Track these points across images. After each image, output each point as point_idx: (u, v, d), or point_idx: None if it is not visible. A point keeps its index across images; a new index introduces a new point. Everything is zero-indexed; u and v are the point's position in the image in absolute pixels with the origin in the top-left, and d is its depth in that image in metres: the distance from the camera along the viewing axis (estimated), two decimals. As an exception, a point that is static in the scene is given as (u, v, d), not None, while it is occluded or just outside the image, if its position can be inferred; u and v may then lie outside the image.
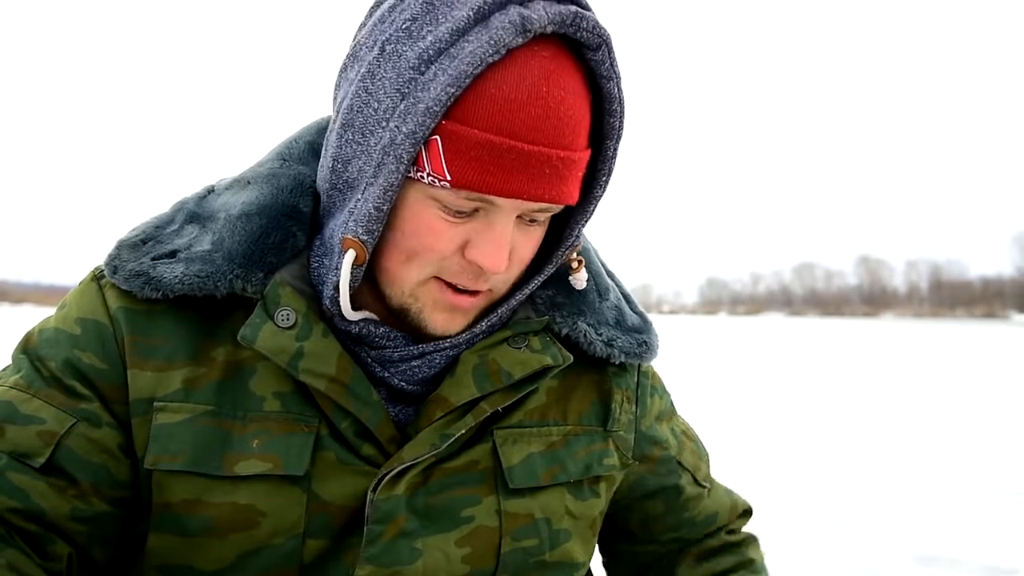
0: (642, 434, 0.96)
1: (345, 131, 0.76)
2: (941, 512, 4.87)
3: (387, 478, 0.77)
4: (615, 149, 0.78)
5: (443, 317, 0.80)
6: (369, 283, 0.82)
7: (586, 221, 0.83)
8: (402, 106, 0.70)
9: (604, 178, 0.79)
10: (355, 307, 0.82)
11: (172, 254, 0.80)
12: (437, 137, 0.70)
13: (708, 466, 1.06)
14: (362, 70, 0.74)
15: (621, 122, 0.77)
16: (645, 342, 0.93)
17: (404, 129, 0.70)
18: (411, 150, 0.70)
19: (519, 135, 0.69)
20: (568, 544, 0.87)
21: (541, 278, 0.85)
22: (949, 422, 8.71)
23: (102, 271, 0.83)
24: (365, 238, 0.74)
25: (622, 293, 0.97)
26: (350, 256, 0.75)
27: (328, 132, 0.81)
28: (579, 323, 0.88)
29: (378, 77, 0.73)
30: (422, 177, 0.72)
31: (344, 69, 0.78)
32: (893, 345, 28.75)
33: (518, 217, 0.76)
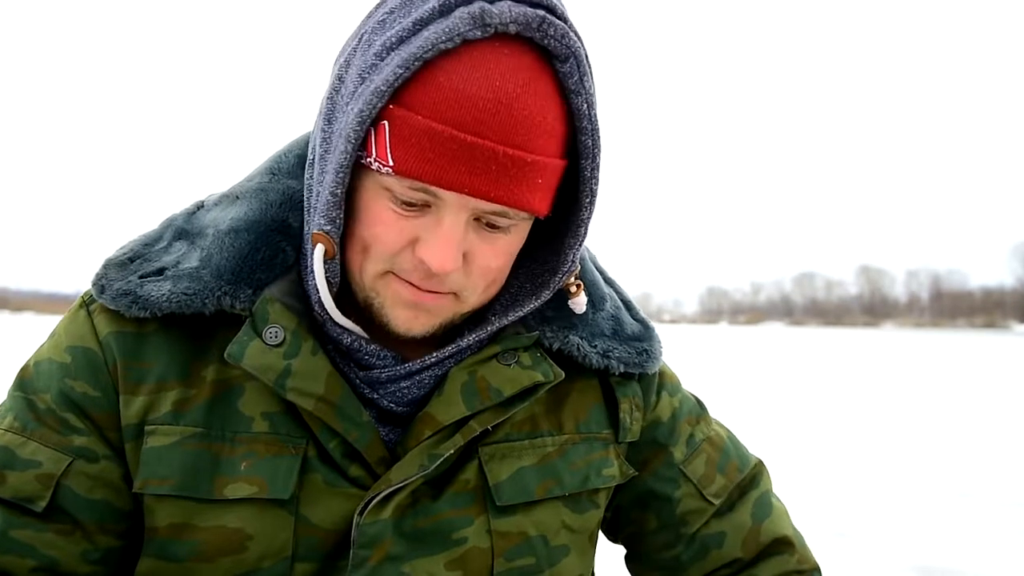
0: (644, 436, 0.93)
1: (321, 121, 0.76)
2: (941, 523, 4.84)
3: (374, 502, 0.76)
4: (592, 170, 0.74)
5: (404, 314, 0.76)
6: (355, 298, 0.80)
7: (578, 245, 0.79)
8: (359, 89, 0.70)
9: (587, 200, 0.75)
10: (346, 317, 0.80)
11: (160, 272, 0.79)
12: (386, 122, 0.68)
13: (736, 481, 0.96)
14: (341, 60, 0.75)
15: (594, 142, 0.73)
16: (646, 350, 0.90)
17: (354, 110, 0.69)
18: (358, 129, 0.68)
19: (463, 126, 0.66)
20: (567, 559, 0.85)
21: (538, 302, 0.82)
22: (949, 433, 8.68)
23: (91, 296, 0.81)
24: (328, 228, 0.73)
25: (622, 300, 0.94)
26: (319, 251, 0.74)
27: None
28: (571, 336, 0.86)
29: (351, 66, 0.73)
30: (370, 163, 0.70)
31: (334, 64, 0.78)
32: (894, 355, 28.70)
33: (476, 220, 0.73)
